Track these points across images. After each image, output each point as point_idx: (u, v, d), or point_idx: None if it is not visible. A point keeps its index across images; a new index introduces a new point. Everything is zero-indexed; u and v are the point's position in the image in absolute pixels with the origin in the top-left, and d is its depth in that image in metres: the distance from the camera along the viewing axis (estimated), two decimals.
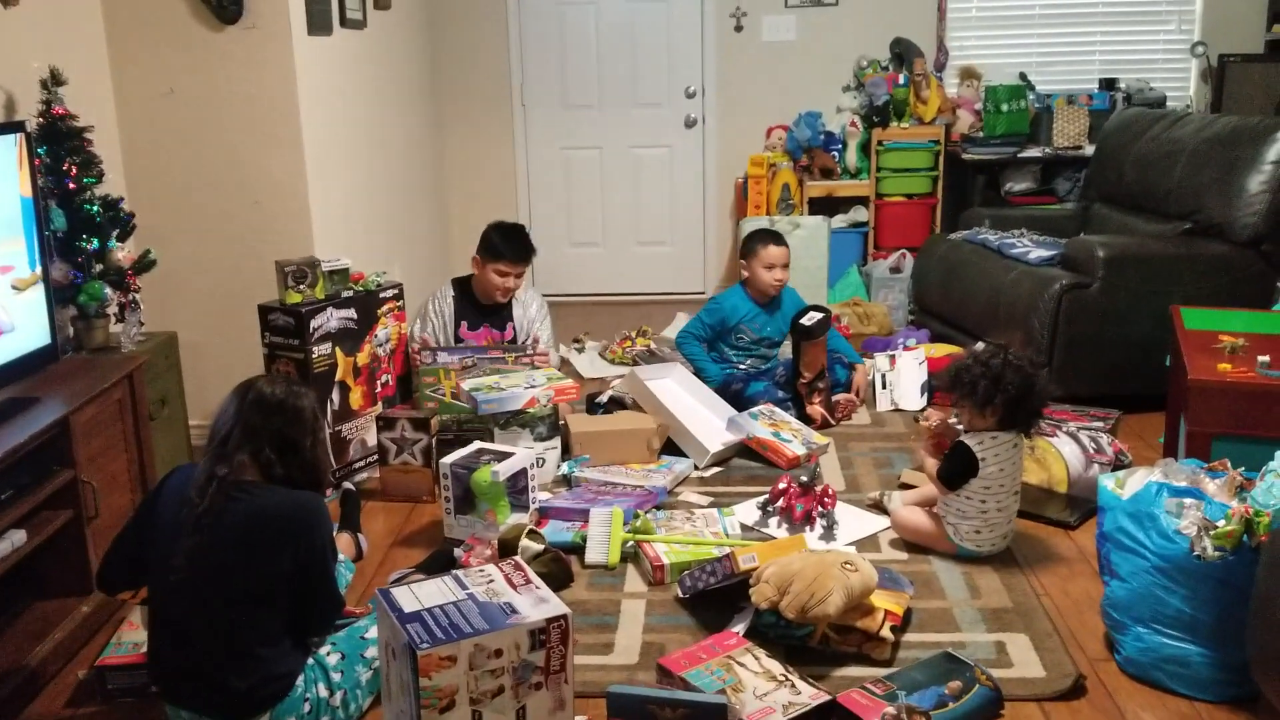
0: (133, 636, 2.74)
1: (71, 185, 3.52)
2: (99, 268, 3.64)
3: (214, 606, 2.33)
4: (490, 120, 6.90)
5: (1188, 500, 2.56)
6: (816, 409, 4.39)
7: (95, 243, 3.60)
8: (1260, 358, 3.18)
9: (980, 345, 3.35)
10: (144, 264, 3.82)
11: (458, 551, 3.23)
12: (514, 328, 4.62)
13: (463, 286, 4.63)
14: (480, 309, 4.59)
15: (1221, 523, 2.46)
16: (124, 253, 3.73)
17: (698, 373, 4.56)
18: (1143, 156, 5.12)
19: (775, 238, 4.70)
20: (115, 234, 3.71)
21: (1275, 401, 3.08)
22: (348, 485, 3.76)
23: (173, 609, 2.40)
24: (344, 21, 4.82)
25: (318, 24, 4.46)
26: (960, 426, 3.30)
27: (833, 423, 4.43)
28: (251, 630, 2.35)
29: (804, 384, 4.41)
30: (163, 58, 4.21)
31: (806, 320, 4.41)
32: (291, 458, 2.48)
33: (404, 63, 5.99)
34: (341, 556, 3.10)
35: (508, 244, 4.48)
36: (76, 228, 3.56)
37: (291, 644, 2.43)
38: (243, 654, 2.34)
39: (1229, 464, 2.69)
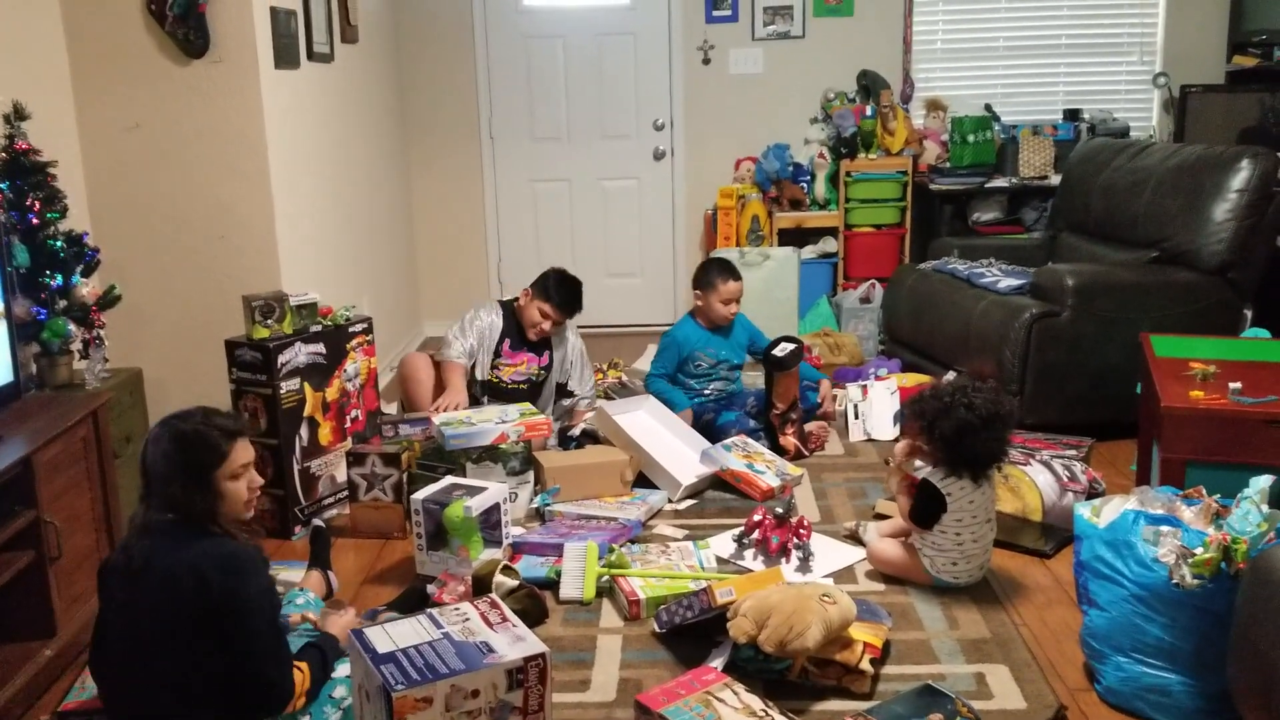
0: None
1: (35, 220, 3.48)
2: (63, 304, 3.60)
3: (154, 660, 2.28)
4: (458, 153, 6.88)
5: (1165, 528, 2.56)
6: (790, 440, 4.38)
7: (59, 278, 3.56)
8: (1232, 384, 3.20)
9: (949, 377, 3.34)
10: (108, 300, 3.77)
11: (431, 588, 3.18)
12: (551, 356, 4.71)
13: (509, 310, 4.71)
14: (524, 333, 4.66)
15: (1200, 550, 2.45)
16: (88, 288, 3.68)
17: (669, 406, 4.54)
18: (1109, 186, 5.16)
19: (733, 272, 4.72)
20: (79, 270, 3.66)
21: (1248, 428, 3.09)
22: (317, 522, 3.71)
23: (115, 666, 2.36)
24: (311, 55, 4.80)
25: (285, 57, 4.44)
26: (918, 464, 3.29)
27: (806, 454, 4.41)
28: (197, 681, 2.28)
29: (777, 415, 4.40)
30: (128, 92, 4.17)
31: (779, 351, 4.41)
32: (195, 494, 2.36)
33: (371, 96, 5.98)
34: (311, 595, 3.06)
35: (560, 291, 4.59)
36: (40, 263, 3.52)
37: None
38: (192, 704, 2.29)
39: (1204, 491, 2.69)
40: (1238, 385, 3.19)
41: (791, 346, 4.44)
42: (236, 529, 2.44)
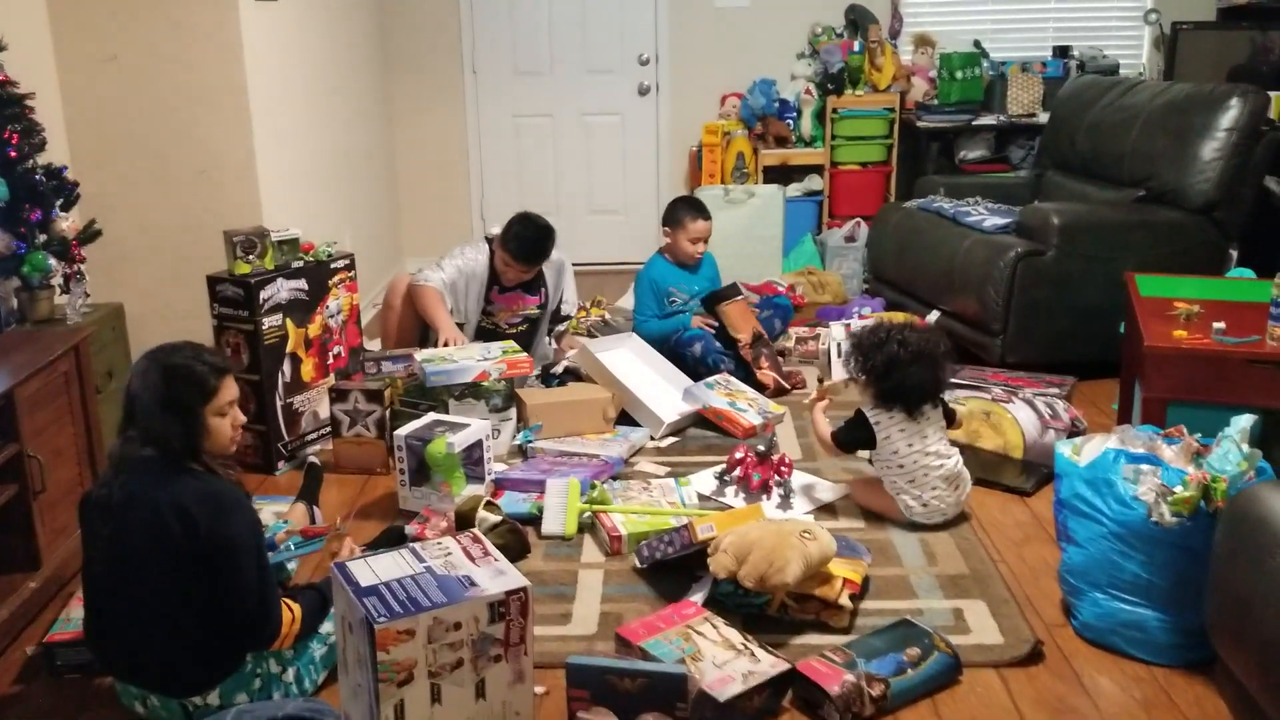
0: (81, 612, 2.68)
1: (13, 154, 3.43)
2: (43, 238, 3.56)
3: (138, 594, 2.29)
4: (441, 88, 6.80)
5: (1145, 466, 2.58)
6: (767, 374, 4.39)
7: (39, 212, 3.52)
8: (1215, 324, 3.20)
9: (932, 317, 3.39)
10: (89, 234, 3.74)
11: (410, 527, 3.18)
12: (546, 293, 4.61)
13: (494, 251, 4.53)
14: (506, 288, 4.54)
15: (1179, 489, 2.47)
16: (68, 223, 3.65)
17: (665, 337, 4.54)
18: (1096, 124, 5.14)
19: (702, 211, 4.71)
20: (59, 204, 3.63)
21: (1230, 368, 3.10)
22: (312, 459, 3.73)
23: (102, 597, 2.37)
24: None
25: None
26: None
27: (787, 388, 4.42)
28: (182, 615, 2.29)
29: (746, 349, 4.42)
30: (105, 24, 4.10)
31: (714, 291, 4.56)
32: (180, 428, 2.34)
33: (353, 29, 5.90)
34: (294, 525, 3.08)
35: (518, 244, 4.38)
36: (19, 197, 3.47)
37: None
38: (178, 637, 2.30)
39: (1185, 430, 2.70)
40: (1221, 325, 3.19)
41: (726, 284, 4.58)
42: (219, 465, 2.43)
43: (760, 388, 4.35)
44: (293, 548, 2.87)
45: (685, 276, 4.74)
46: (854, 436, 3.35)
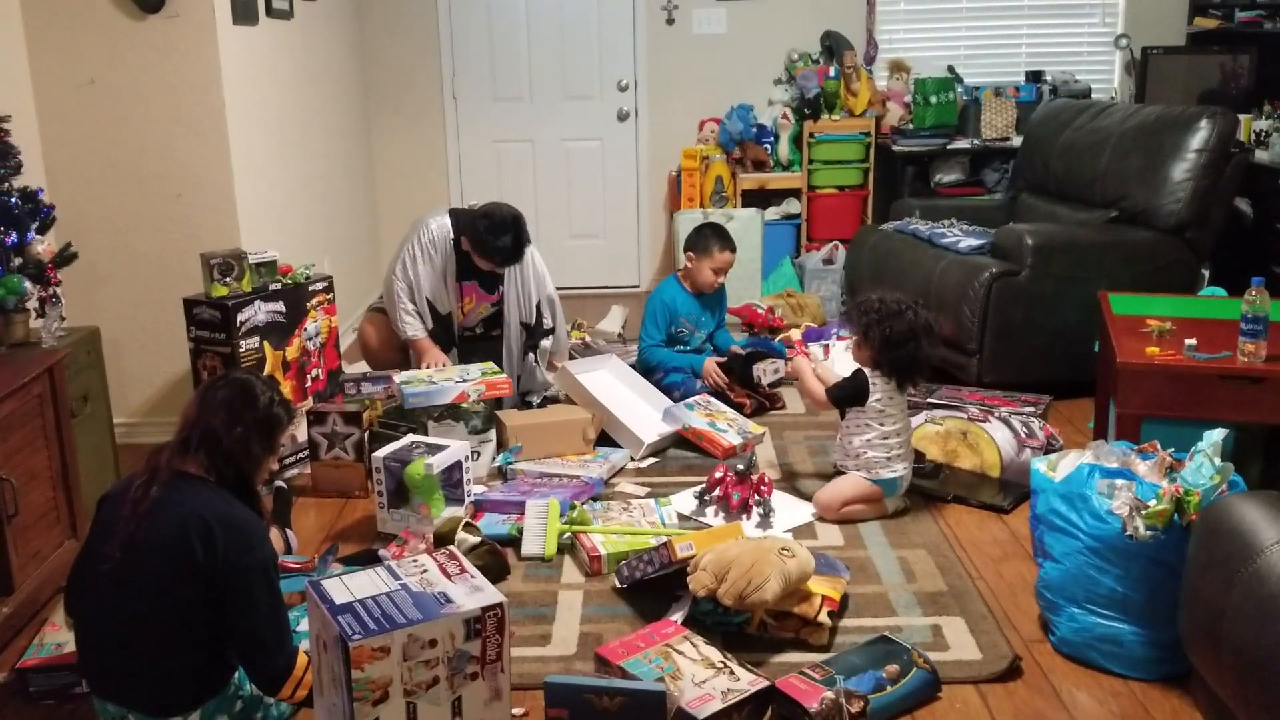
0: (55, 638, 2.67)
1: None
2: (18, 261, 3.54)
3: (142, 600, 2.26)
4: (421, 112, 6.82)
5: (1119, 481, 2.59)
6: (742, 397, 4.45)
7: (14, 235, 3.50)
8: (1187, 341, 3.23)
9: (896, 295, 3.50)
10: (65, 257, 3.72)
11: (385, 552, 3.16)
12: (501, 293, 4.43)
13: (458, 225, 4.35)
14: (470, 262, 4.34)
15: (1153, 502, 2.49)
16: (44, 246, 3.63)
17: (667, 376, 4.52)
18: (1069, 146, 5.19)
19: (730, 243, 4.63)
20: (35, 226, 3.60)
21: (1202, 383, 3.13)
22: (279, 483, 3.70)
23: (103, 599, 2.31)
24: (270, 11, 4.74)
25: (242, 13, 4.38)
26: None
27: (767, 406, 4.49)
28: (180, 631, 2.27)
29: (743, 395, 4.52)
30: (83, 46, 4.10)
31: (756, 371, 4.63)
32: (239, 463, 2.41)
33: (332, 53, 5.91)
34: None
35: (485, 250, 4.22)
36: None
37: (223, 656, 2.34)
38: (171, 652, 2.27)
39: (1159, 445, 2.72)
40: (1193, 341, 3.22)
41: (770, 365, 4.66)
42: (260, 495, 2.52)
43: (753, 383, 4.46)
44: None
45: (696, 305, 4.68)
46: (848, 393, 3.49)
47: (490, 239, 4.18)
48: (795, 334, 4.51)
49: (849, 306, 3.67)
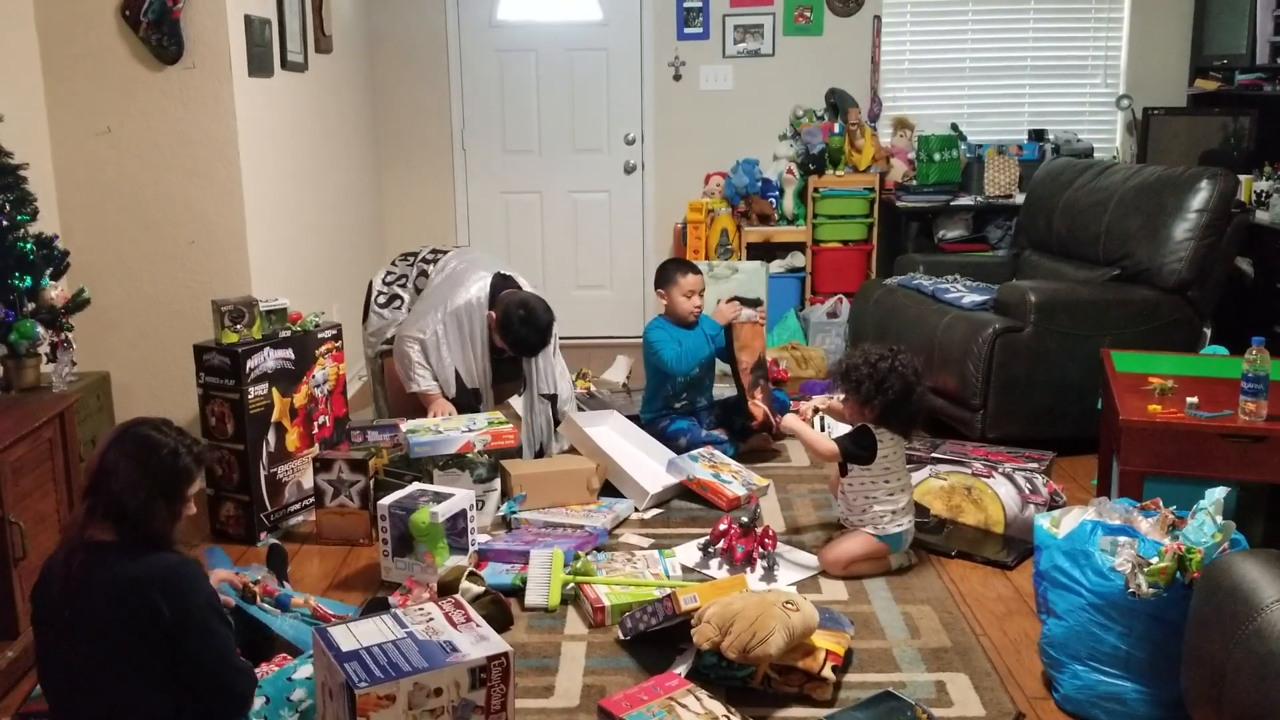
0: None
1: (4, 222, 3.47)
2: (31, 306, 3.58)
3: (103, 677, 2.23)
4: (430, 163, 6.90)
5: (1122, 538, 2.61)
6: (759, 406, 4.43)
7: (28, 281, 3.55)
8: (1189, 399, 3.25)
9: (870, 345, 3.51)
10: (77, 303, 3.76)
11: (393, 599, 3.16)
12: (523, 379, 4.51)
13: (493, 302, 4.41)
14: (498, 352, 4.45)
15: (1155, 560, 2.50)
16: (57, 291, 3.67)
17: (672, 424, 4.53)
18: (1071, 205, 5.24)
19: (690, 266, 4.71)
20: (49, 272, 3.65)
21: (1204, 442, 3.15)
22: (272, 540, 3.70)
23: (63, 682, 2.30)
24: (285, 64, 4.81)
25: (258, 66, 4.45)
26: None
27: (774, 424, 4.46)
28: (151, 693, 2.24)
29: (746, 372, 4.47)
30: (100, 96, 4.17)
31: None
32: (160, 508, 2.31)
33: (345, 105, 5.99)
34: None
35: (516, 343, 4.32)
36: (9, 265, 3.50)
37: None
38: (150, 712, 2.25)
39: (1161, 503, 2.74)
40: (1194, 400, 3.25)
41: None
42: (178, 545, 2.40)
43: (749, 417, 4.44)
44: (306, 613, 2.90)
45: (682, 334, 4.61)
46: (857, 450, 3.47)
47: (521, 330, 4.27)
48: (746, 359, 4.53)
49: (835, 372, 3.62)
